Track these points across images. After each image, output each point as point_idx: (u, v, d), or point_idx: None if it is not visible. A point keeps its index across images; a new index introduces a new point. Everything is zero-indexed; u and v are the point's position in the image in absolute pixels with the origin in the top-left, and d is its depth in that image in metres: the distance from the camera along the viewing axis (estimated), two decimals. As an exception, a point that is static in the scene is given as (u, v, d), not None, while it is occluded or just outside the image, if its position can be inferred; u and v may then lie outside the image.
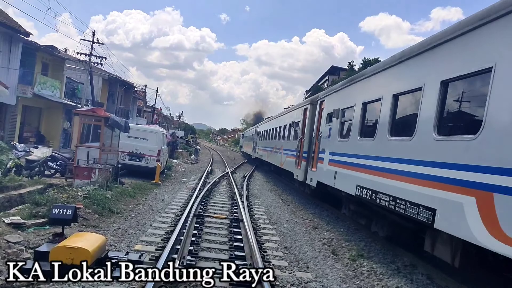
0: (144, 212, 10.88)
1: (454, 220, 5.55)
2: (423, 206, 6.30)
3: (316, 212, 13.54)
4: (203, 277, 4.99)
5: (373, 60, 43.57)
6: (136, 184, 15.34)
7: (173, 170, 24.09)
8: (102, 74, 37.23)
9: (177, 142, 40.18)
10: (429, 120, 6.44)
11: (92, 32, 30.74)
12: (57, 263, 5.00)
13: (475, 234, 5.06)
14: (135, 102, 54.00)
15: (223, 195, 15.69)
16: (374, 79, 9.35)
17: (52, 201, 9.06)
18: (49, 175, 15.19)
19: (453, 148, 5.81)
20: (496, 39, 5.34)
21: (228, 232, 9.23)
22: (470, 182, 5.28)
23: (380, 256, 8.46)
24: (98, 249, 5.82)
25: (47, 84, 27.59)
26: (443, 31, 6.74)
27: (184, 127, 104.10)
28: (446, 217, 5.76)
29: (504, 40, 5.17)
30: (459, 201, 5.43)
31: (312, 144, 14.12)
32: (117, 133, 15.87)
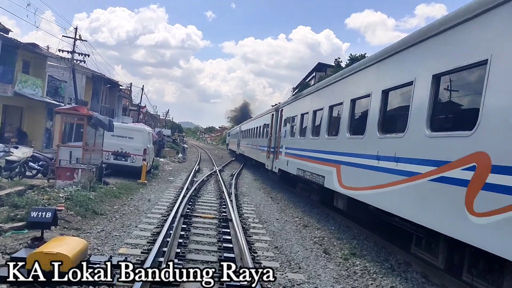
0: (130, 213, 10.52)
1: (330, 181, 10.36)
2: (321, 176, 11.16)
3: (306, 210, 13.34)
4: (203, 277, 4.94)
5: (360, 56, 43.53)
6: (122, 184, 14.94)
7: (160, 169, 23.68)
8: (86, 72, 36.45)
9: (163, 141, 39.65)
10: (323, 127, 11.51)
11: (74, 28, 30.00)
12: (57, 263, 4.89)
13: (335, 186, 9.89)
14: (121, 101, 53.20)
15: (211, 194, 15.38)
16: (306, 98, 14.41)
17: (32, 203, 8.68)
18: (30, 176, 14.72)
19: (329, 143, 10.90)
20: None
21: (217, 233, 8.94)
22: (334, 161, 10.16)
23: (373, 254, 8.28)
24: (79, 254, 5.48)
25: (28, 82, 26.86)
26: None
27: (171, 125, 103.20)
28: (327, 180, 10.59)
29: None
30: (331, 170, 10.27)
31: (276, 141, 18.45)
32: (101, 132, 15.45)
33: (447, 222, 5.54)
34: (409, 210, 6.58)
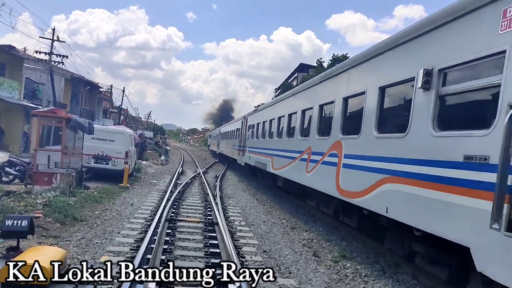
0: (112, 218, 10.14)
1: (269, 167, 15.42)
2: (265, 164, 16.23)
3: (293, 211, 13.16)
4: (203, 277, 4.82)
5: (342, 56, 43.72)
6: (103, 188, 14.51)
7: (143, 172, 23.22)
8: (65, 74, 35.64)
9: (146, 143, 39.07)
10: (267, 132, 17.02)
11: (52, 29, 29.24)
12: (57, 263, 4.73)
13: (272, 171, 15.05)
14: (101, 103, 52.29)
15: (196, 196, 15.08)
16: (259, 112, 20.08)
17: (7, 210, 8.25)
18: (7, 181, 14.18)
19: (270, 142, 15.96)
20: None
21: (203, 237, 8.66)
22: (270, 154, 15.58)
23: (363, 256, 8.13)
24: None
25: (4, 85, 26.10)
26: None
27: (153, 127, 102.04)
28: (268, 166, 15.65)
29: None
30: (268, 159, 15.67)
31: (243, 142, 23.68)
32: (81, 135, 14.99)
33: (324, 185, 9.42)
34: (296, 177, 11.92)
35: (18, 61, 28.65)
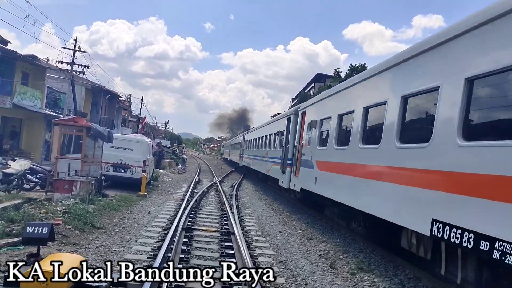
0: (129, 226, 10.25)
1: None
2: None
3: (309, 222, 13.06)
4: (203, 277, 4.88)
5: (360, 66, 43.56)
6: (121, 196, 14.67)
7: (160, 181, 23.41)
8: (85, 84, 36.36)
9: (163, 152, 39.42)
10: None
11: (74, 40, 29.94)
12: (57, 263, 4.71)
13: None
14: (120, 112, 53.11)
15: (212, 206, 15.11)
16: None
17: (28, 217, 8.41)
18: (28, 188, 14.44)
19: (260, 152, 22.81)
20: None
21: (219, 247, 8.66)
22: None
23: (382, 268, 8.00)
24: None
25: (27, 94, 26.75)
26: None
27: (170, 136, 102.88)
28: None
29: None
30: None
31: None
32: (100, 144, 15.23)
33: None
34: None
35: (41, 71, 29.38)
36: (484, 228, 4.67)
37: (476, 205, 4.88)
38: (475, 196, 4.93)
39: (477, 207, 4.87)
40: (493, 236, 4.51)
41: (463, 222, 5.06)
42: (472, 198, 4.96)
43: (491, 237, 4.53)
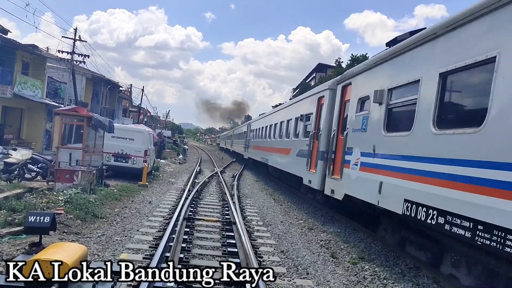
0: (131, 216, 10.27)
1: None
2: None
3: (310, 212, 13.09)
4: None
5: (361, 56, 43.35)
6: (122, 186, 14.69)
7: (161, 171, 23.44)
8: (86, 73, 36.24)
9: (164, 142, 39.44)
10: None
11: (74, 29, 29.77)
12: (57, 263, 4.62)
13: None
14: (121, 102, 53.00)
15: (213, 196, 15.14)
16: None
17: (30, 207, 8.43)
18: (29, 178, 14.45)
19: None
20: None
21: (220, 236, 8.69)
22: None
23: (382, 258, 8.03)
24: (78, 261, 5.23)
25: (28, 84, 26.65)
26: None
27: (171, 126, 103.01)
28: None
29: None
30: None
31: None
32: (101, 134, 15.21)
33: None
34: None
35: (41, 61, 29.24)
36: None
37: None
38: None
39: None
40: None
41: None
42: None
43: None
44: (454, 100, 6.45)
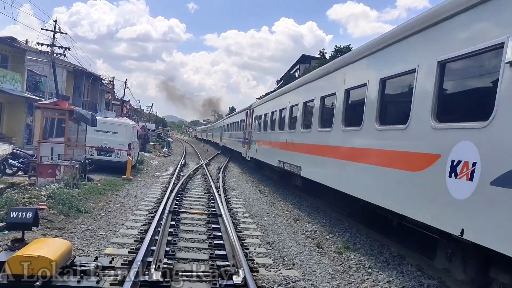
0: (115, 210, 10.18)
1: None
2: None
3: (296, 203, 13.17)
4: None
5: (345, 47, 43.42)
6: (106, 180, 14.54)
7: (145, 164, 23.25)
8: (67, 66, 35.58)
9: (148, 135, 39.09)
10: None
11: (54, 21, 29.13)
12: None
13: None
14: (103, 95, 52.26)
15: (199, 188, 15.09)
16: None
17: (12, 203, 8.28)
18: (10, 173, 14.23)
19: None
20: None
21: (206, 229, 8.68)
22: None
23: (367, 247, 8.13)
24: (62, 256, 5.15)
25: (7, 77, 26.07)
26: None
27: (155, 119, 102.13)
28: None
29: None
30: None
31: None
32: (84, 127, 14.99)
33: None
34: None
35: (20, 53, 28.60)
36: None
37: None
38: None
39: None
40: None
41: None
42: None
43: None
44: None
